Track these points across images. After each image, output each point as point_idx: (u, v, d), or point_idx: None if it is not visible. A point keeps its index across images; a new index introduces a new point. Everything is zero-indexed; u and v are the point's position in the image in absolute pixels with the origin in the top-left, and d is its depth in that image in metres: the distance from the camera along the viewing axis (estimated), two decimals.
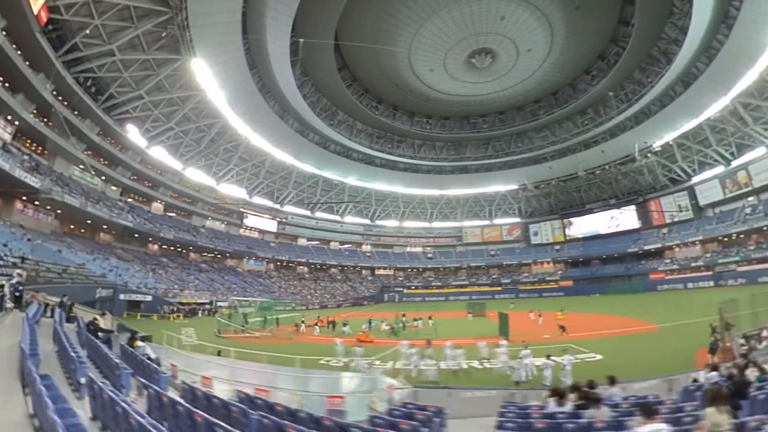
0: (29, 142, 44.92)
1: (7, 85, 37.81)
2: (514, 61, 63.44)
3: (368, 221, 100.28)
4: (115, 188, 59.30)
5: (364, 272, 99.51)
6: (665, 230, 78.75)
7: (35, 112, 41.55)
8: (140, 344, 14.22)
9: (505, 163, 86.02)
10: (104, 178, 56.60)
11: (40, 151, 46.34)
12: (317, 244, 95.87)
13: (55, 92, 42.15)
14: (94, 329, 15.26)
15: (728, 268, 63.54)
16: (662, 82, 58.20)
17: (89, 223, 52.97)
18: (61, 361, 10.68)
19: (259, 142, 67.72)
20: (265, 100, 59.11)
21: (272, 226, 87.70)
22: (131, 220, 55.76)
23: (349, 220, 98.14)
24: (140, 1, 38.99)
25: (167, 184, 66.02)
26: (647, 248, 78.68)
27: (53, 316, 16.83)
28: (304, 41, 46.45)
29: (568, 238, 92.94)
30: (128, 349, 13.34)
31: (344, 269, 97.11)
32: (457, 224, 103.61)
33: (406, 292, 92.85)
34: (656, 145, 69.33)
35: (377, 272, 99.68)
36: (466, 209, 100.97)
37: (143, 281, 49.78)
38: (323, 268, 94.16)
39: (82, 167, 51.48)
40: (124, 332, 20.05)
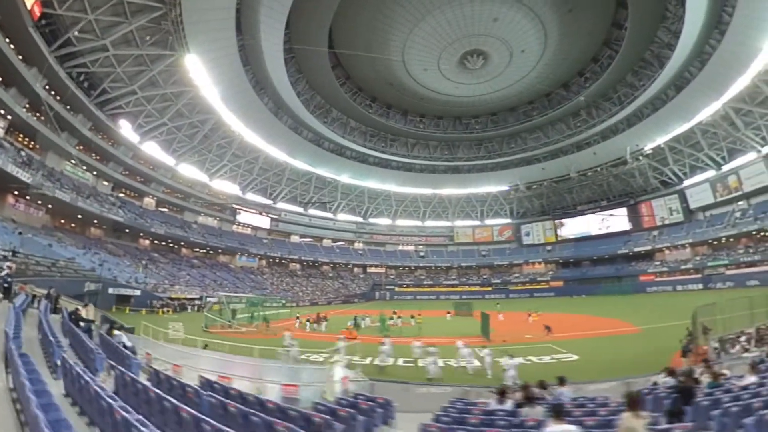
0: (21, 136, 44.82)
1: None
2: (506, 62, 63.67)
3: (361, 219, 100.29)
4: (106, 183, 59.09)
5: (356, 270, 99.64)
6: (656, 232, 79.29)
7: (28, 106, 41.45)
8: (117, 333, 15.88)
9: (497, 163, 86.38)
10: (96, 173, 56.50)
11: (32, 145, 46.25)
12: (310, 241, 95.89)
13: (47, 87, 42.12)
14: (75, 319, 16.58)
15: (717, 271, 64.18)
16: (655, 85, 58.60)
17: (80, 217, 52.85)
18: (43, 346, 11.67)
19: (252, 138, 67.69)
20: (258, 96, 59.06)
21: (265, 222, 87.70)
22: (122, 215, 55.66)
23: (341, 217, 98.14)
24: None
25: (159, 179, 65.85)
26: (637, 250, 79.28)
27: (40, 307, 18.18)
28: (299, 46, 46.46)
29: (559, 239, 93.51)
30: (106, 337, 14.58)
31: (336, 267, 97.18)
32: (449, 224, 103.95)
33: (397, 290, 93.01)
34: (648, 148, 69.70)
35: (369, 270, 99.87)
36: (458, 209, 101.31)
37: (133, 276, 49.74)
38: (315, 265, 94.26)
39: (74, 162, 51.49)
40: (106, 323, 21.21)
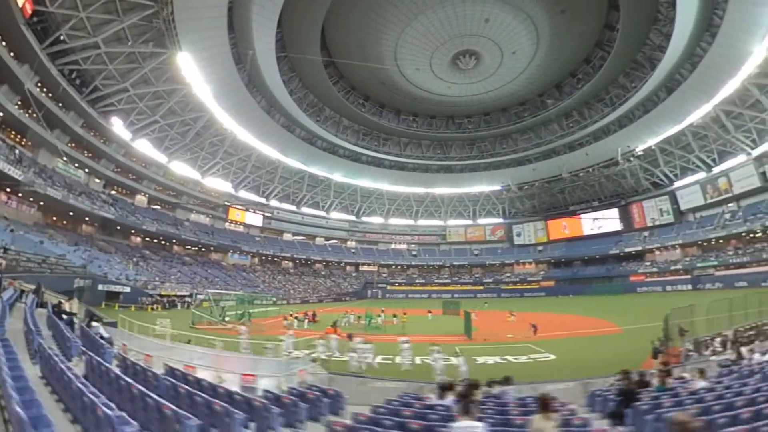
0: (13, 133, 44.78)
1: None
2: (498, 63, 63.92)
3: (354, 217, 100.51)
4: (98, 180, 59.08)
5: (348, 268, 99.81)
6: (646, 233, 79.83)
7: (20, 103, 41.47)
8: (94, 325, 17.30)
9: (490, 163, 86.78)
10: (88, 170, 56.50)
11: (24, 142, 46.24)
12: (303, 239, 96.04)
13: (39, 84, 42.28)
14: (58, 311, 17.86)
15: (706, 272, 64.90)
16: (646, 87, 59.05)
17: (72, 215, 52.83)
18: (26, 336, 12.45)
19: (245, 136, 67.83)
20: (251, 95, 59.24)
21: (258, 220, 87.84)
22: (113, 212, 55.72)
23: (334, 216, 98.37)
24: None
25: (151, 177, 65.88)
26: (628, 250, 79.81)
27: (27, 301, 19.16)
28: (295, 54, 46.51)
29: (550, 238, 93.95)
30: (86, 329, 15.88)
31: (329, 265, 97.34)
32: (441, 223, 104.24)
33: (389, 288, 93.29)
34: (639, 149, 70.28)
35: (361, 268, 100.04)
36: (450, 208, 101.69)
37: (123, 273, 49.84)
38: (308, 263, 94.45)
39: (65, 159, 51.51)
40: (89, 317, 22.18)
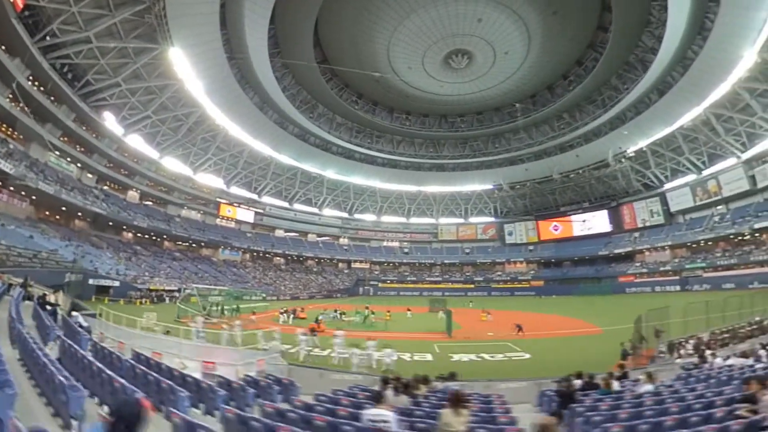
0: (4, 126, 44.62)
1: None
2: (491, 63, 64.22)
3: (346, 215, 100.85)
4: (90, 175, 58.94)
5: (340, 265, 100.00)
6: (636, 234, 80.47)
7: (11, 96, 41.36)
8: (74, 314, 18.39)
9: (481, 162, 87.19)
10: (80, 165, 56.37)
11: (15, 136, 46.14)
12: (295, 235, 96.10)
13: (31, 77, 42.21)
14: (42, 303, 19.04)
15: (695, 273, 65.49)
16: (638, 89, 59.44)
17: (64, 209, 52.72)
18: (9, 325, 13.27)
19: (237, 132, 67.85)
20: (243, 91, 59.29)
21: (249, 216, 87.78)
22: (105, 207, 55.65)
23: (327, 212, 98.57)
24: None
25: (143, 172, 65.71)
26: (618, 251, 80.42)
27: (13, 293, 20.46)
28: (290, 61, 46.48)
29: (541, 239, 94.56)
30: (67, 318, 17.14)
31: (321, 261, 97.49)
32: (433, 221, 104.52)
33: (381, 285, 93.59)
34: (630, 151, 70.72)
35: (353, 265, 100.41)
36: (442, 207, 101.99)
37: (114, 267, 49.89)
38: (300, 259, 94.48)
39: (58, 154, 51.48)
40: (79, 309, 22.77)
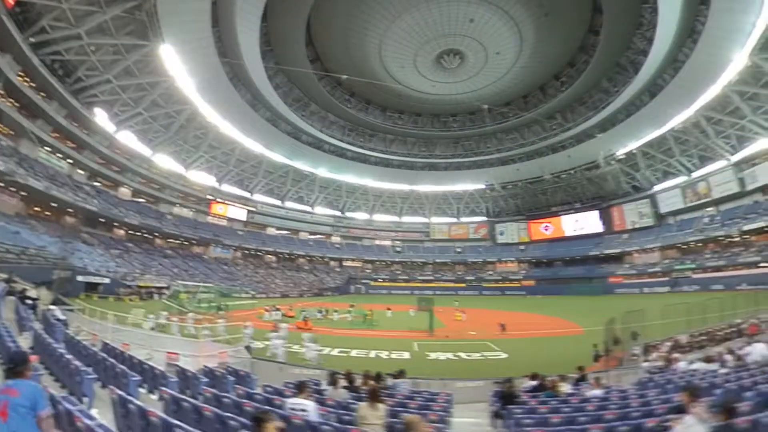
0: None
1: None
2: (482, 63, 64.46)
3: (338, 213, 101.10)
4: (81, 172, 58.59)
5: (332, 263, 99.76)
6: (626, 235, 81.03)
7: (1, 93, 41.17)
8: (51, 308, 19.11)
9: (474, 162, 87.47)
10: (71, 161, 56.05)
11: (6, 132, 45.85)
12: (286, 233, 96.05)
13: (21, 73, 42.06)
14: (22, 297, 19.84)
15: (684, 274, 65.78)
16: (629, 91, 59.96)
17: (55, 206, 52.33)
18: None
19: (229, 130, 67.83)
20: (235, 88, 59.21)
21: (241, 214, 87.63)
22: (96, 204, 55.33)
23: (319, 211, 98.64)
24: None
25: (135, 169, 65.44)
26: (608, 252, 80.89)
27: None
28: (285, 67, 46.45)
29: (532, 239, 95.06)
30: (45, 311, 17.76)
31: (312, 260, 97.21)
32: (425, 220, 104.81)
33: (372, 284, 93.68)
34: (621, 152, 71.33)
35: (345, 264, 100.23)
36: (434, 206, 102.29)
37: (104, 264, 49.81)
38: (291, 258, 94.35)
39: (48, 150, 51.32)
40: (59, 304, 23.73)
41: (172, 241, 74.21)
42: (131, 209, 64.18)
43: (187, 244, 76.78)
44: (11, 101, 42.62)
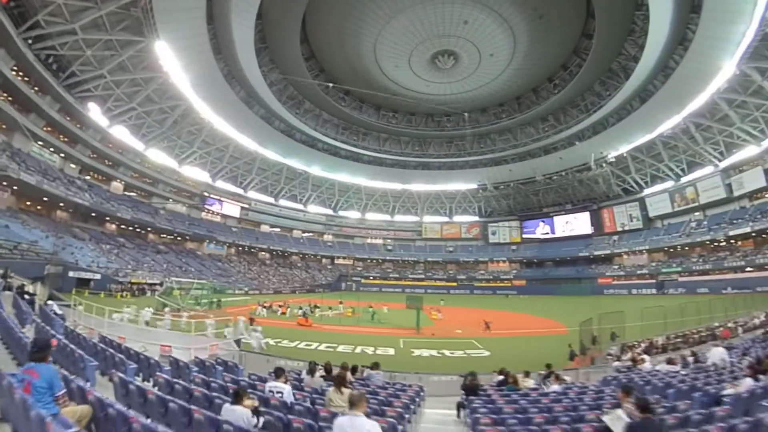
0: None
1: None
2: (476, 64, 64.83)
3: (331, 211, 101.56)
4: (74, 166, 58.53)
5: (324, 261, 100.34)
6: (616, 237, 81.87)
7: None
8: (49, 303, 20.47)
9: (467, 162, 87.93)
10: (63, 155, 55.96)
11: None
12: (280, 231, 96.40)
13: (15, 67, 42.06)
14: (21, 292, 20.19)
15: (671, 277, 66.96)
16: (620, 95, 60.54)
17: (46, 200, 52.25)
18: None
19: (223, 126, 67.88)
20: (230, 85, 59.32)
21: (235, 211, 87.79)
22: (88, 199, 55.25)
23: (312, 209, 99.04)
24: None
25: (128, 164, 65.36)
26: (598, 253, 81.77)
27: None
28: (287, 75, 46.51)
29: (524, 239, 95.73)
30: (44, 307, 18.48)
31: (305, 257, 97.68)
32: (417, 219, 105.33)
33: (364, 282, 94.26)
34: (612, 155, 71.87)
35: (337, 261, 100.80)
36: (427, 205, 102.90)
37: (95, 260, 49.87)
38: (284, 255, 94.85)
39: (41, 144, 51.34)
40: (54, 299, 24.90)
41: (165, 236, 74.23)
42: (123, 204, 64.04)
43: (180, 239, 76.83)
44: (4, 95, 42.57)
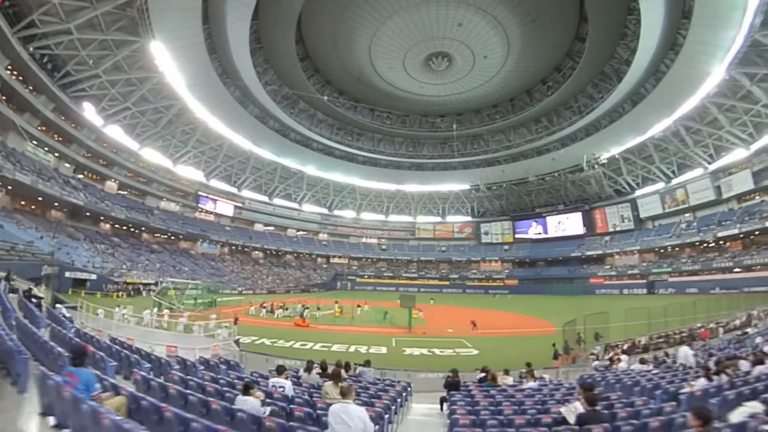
0: None
1: None
2: (470, 66, 65.29)
3: (326, 211, 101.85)
4: (68, 165, 58.38)
5: (319, 260, 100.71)
6: (607, 238, 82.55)
7: None
8: (58, 306, 21.31)
9: (460, 162, 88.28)
10: (57, 154, 55.85)
11: None
12: (274, 230, 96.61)
13: (9, 66, 42.03)
14: (29, 295, 20.47)
15: (661, 278, 67.62)
16: (612, 98, 61.27)
17: (40, 200, 52.09)
18: (3, 315, 14.26)
19: (217, 126, 67.96)
20: (224, 85, 59.40)
21: (228, 210, 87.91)
22: (83, 198, 55.24)
23: (307, 208, 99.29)
24: None
25: (122, 163, 65.43)
26: (589, 254, 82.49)
27: None
28: (283, 84, 46.62)
29: (516, 239, 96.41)
30: (52, 310, 19.14)
31: (300, 256, 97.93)
32: (411, 219, 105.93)
33: (358, 281, 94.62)
34: (604, 157, 72.60)
35: (332, 261, 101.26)
36: (420, 205, 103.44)
37: (91, 260, 49.91)
38: (279, 254, 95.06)
39: (35, 143, 51.31)
40: (55, 301, 25.14)
41: (159, 236, 74.20)
42: (117, 203, 64.07)
43: (174, 239, 76.85)
44: None
